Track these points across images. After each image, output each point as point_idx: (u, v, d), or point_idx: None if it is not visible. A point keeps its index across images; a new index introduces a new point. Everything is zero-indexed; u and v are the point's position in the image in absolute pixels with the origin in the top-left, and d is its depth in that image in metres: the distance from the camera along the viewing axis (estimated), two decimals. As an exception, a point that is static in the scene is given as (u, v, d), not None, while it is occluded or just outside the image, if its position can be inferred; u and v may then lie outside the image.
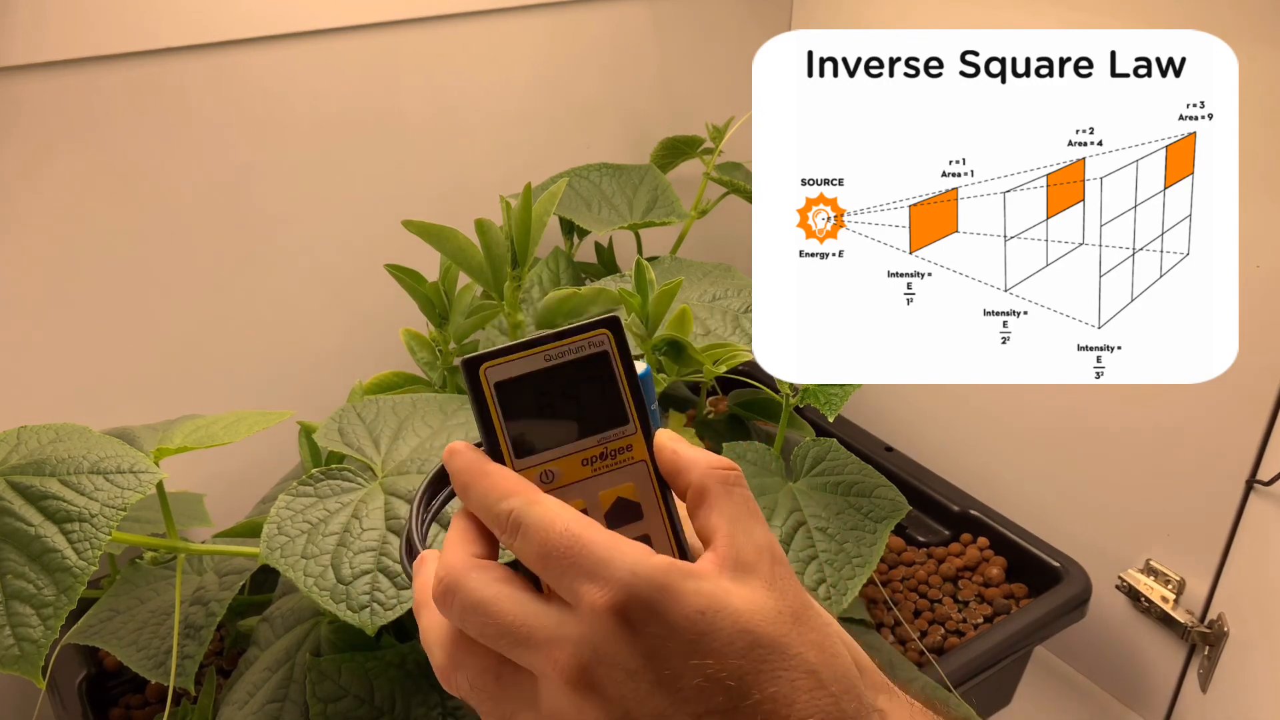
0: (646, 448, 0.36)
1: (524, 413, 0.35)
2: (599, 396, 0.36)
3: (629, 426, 0.36)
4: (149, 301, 0.88)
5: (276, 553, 0.58)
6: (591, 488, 0.35)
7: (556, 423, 0.35)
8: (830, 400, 0.70)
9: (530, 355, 0.35)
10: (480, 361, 0.34)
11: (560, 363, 0.35)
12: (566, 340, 0.35)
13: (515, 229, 0.75)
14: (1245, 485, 0.81)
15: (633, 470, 0.36)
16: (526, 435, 0.35)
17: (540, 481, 0.35)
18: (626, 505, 0.35)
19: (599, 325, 0.36)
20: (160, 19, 0.79)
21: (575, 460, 0.35)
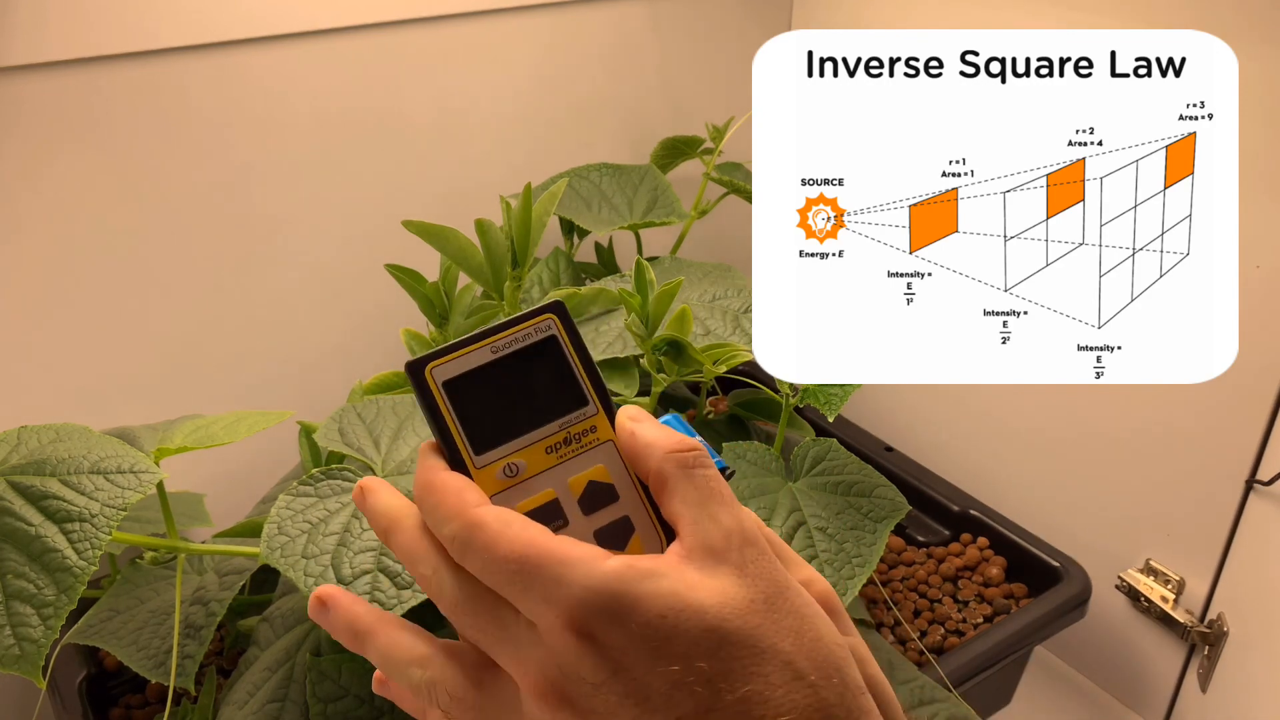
0: (611, 426, 0.35)
1: (477, 408, 0.34)
2: (554, 381, 0.35)
3: (589, 407, 0.35)
4: (149, 301, 0.88)
5: (277, 552, 0.58)
6: (560, 475, 0.34)
7: (512, 414, 0.34)
8: (830, 400, 0.70)
9: (476, 349, 0.34)
10: (425, 362, 0.33)
11: (508, 353, 0.34)
12: (512, 330, 0.34)
13: (515, 229, 0.75)
14: (1245, 485, 0.81)
15: (601, 450, 0.34)
16: (483, 431, 0.34)
17: (504, 475, 0.33)
18: (599, 488, 0.34)
19: (544, 310, 0.35)
20: (160, 19, 0.79)
21: (539, 449, 0.34)
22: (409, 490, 0.60)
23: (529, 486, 0.33)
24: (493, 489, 0.33)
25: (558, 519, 0.33)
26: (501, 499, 0.33)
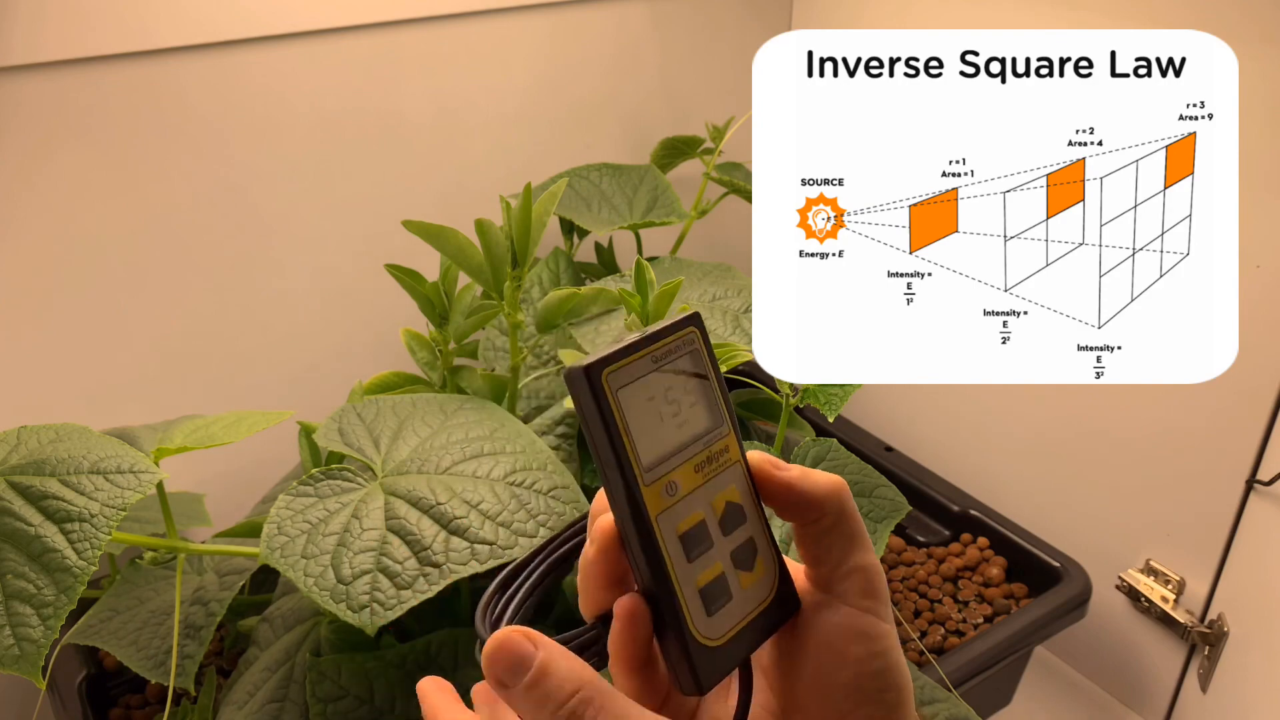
0: (739, 447, 0.34)
1: (643, 423, 0.32)
2: (700, 398, 0.34)
3: (724, 427, 0.34)
4: (149, 301, 0.88)
5: (276, 553, 0.58)
6: (705, 495, 0.33)
7: (670, 431, 0.33)
8: (830, 400, 0.70)
9: (640, 358, 0.32)
10: (600, 367, 0.31)
11: (668, 366, 0.33)
12: (666, 340, 0.33)
13: (515, 229, 0.75)
14: (1245, 485, 0.81)
15: (732, 472, 0.34)
16: (649, 447, 0.32)
17: (666, 494, 0.32)
18: (734, 509, 0.34)
19: (688, 323, 0.34)
20: (160, 19, 0.79)
21: (689, 468, 0.33)
22: (409, 490, 0.60)
23: (683, 508, 0.32)
24: (658, 508, 0.32)
25: (705, 541, 0.33)
26: (665, 517, 0.32)
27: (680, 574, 0.32)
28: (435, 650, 0.63)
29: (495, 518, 0.60)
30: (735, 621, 0.33)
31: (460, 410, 0.69)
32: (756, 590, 0.34)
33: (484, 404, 0.72)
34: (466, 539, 0.59)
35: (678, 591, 0.32)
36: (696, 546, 0.32)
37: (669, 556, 0.31)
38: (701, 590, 0.32)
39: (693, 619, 0.32)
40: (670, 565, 0.31)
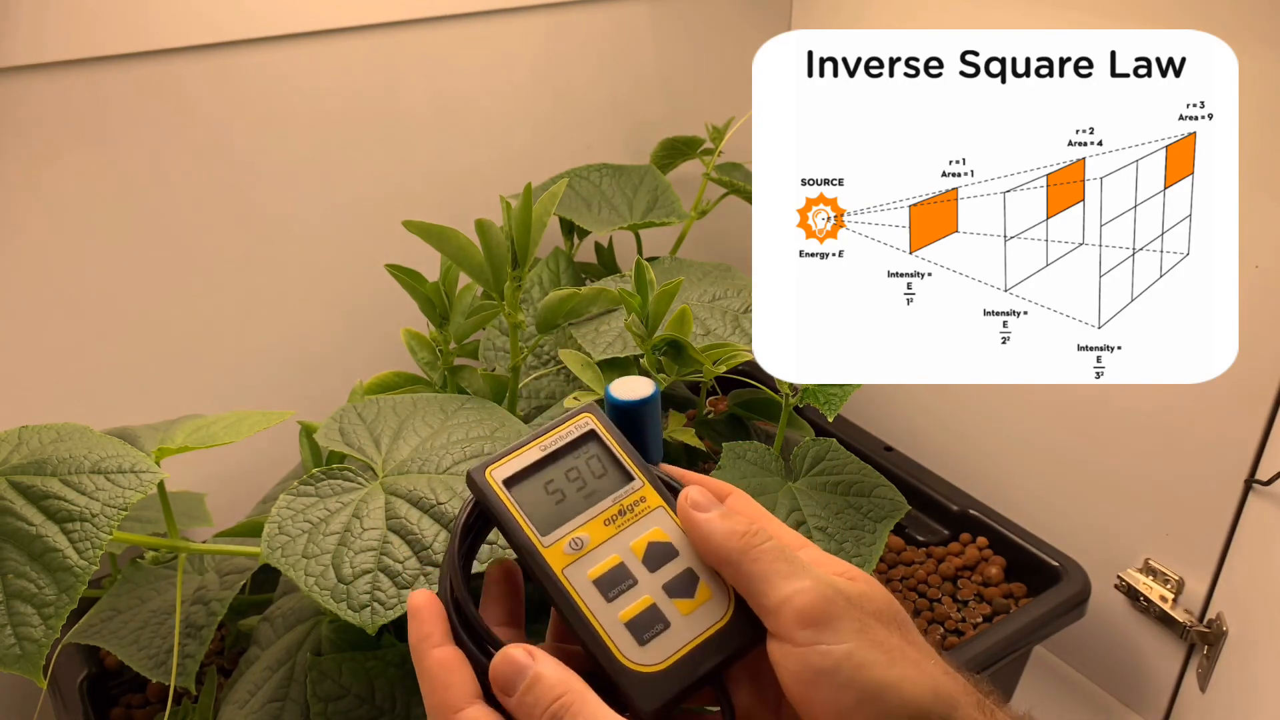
0: (659, 494, 0.39)
1: (536, 497, 0.38)
2: (600, 466, 0.40)
3: (636, 482, 0.39)
4: (149, 301, 0.88)
5: (277, 552, 0.58)
6: (621, 541, 0.38)
7: (569, 498, 0.39)
8: (830, 400, 0.70)
9: (527, 450, 0.39)
10: (483, 468, 0.38)
11: (555, 449, 0.39)
12: (556, 431, 0.40)
13: (515, 229, 0.75)
14: (1244, 485, 0.81)
15: (653, 516, 0.39)
16: (545, 515, 0.38)
17: (570, 549, 0.37)
18: (659, 547, 0.38)
19: (581, 411, 0.41)
20: (161, 19, 0.79)
21: (598, 524, 0.38)
22: (410, 490, 0.61)
23: (595, 556, 0.37)
24: (562, 563, 0.37)
25: (627, 579, 0.37)
26: (572, 570, 0.37)
27: (598, 613, 0.36)
28: (436, 650, 0.63)
29: (496, 517, 0.60)
30: (677, 647, 0.36)
31: (461, 410, 0.69)
32: (703, 615, 0.37)
33: (484, 404, 0.72)
34: (467, 538, 0.59)
35: (597, 628, 0.36)
36: (614, 587, 0.37)
37: (582, 601, 0.36)
38: (627, 623, 0.36)
39: (620, 650, 0.36)
40: (585, 608, 0.36)
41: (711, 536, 0.36)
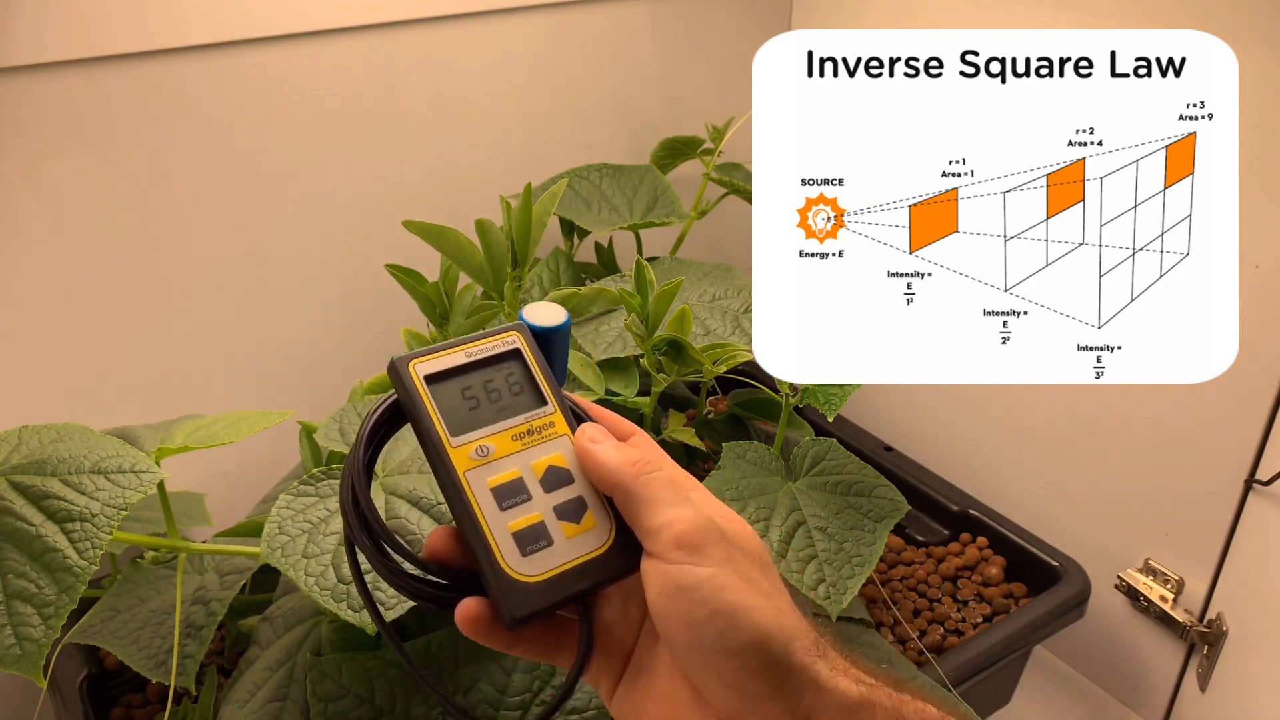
0: (567, 423, 0.41)
1: (453, 400, 0.40)
2: (518, 384, 0.41)
3: (549, 407, 0.41)
4: (149, 301, 0.88)
5: (277, 552, 0.58)
6: (524, 459, 0.40)
7: (483, 407, 0.40)
8: (830, 400, 0.70)
9: (453, 353, 0.41)
10: (408, 360, 0.40)
11: (480, 358, 0.41)
12: (483, 340, 0.41)
13: (515, 229, 0.75)
14: (1244, 485, 0.81)
15: (559, 443, 0.41)
16: (458, 418, 0.40)
17: (476, 455, 0.39)
18: (558, 472, 0.40)
19: (510, 329, 0.42)
20: (161, 19, 0.79)
21: (506, 437, 0.40)
22: (410, 490, 0.61)
23: (498, 466, 0.39)
24: (466, 465, 0.39)
25: (522, 494, 0.39)
26: (474, 474, 0.39)
27: (490, 519, 0.38)
28: (435, 650, 0.63)
29: (496, 517, 0.60)
30: (557, 564, 0.38)
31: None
32: (585, 541, 0.39)
33: (484, 404, 0.72)
34: (467, 538, 0.59)
35: (487, 533, 0.38)
36: (509, 499, 0.39)
37: (477, 504, 0.38)
38: (515, 534, 0.38)
39: (504, 556, 0.38)
40: (479, 511, 0.38)
41: (607, 464, 0.39)
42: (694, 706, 0.37)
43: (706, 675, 0.36)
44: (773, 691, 0.35)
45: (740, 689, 0.35)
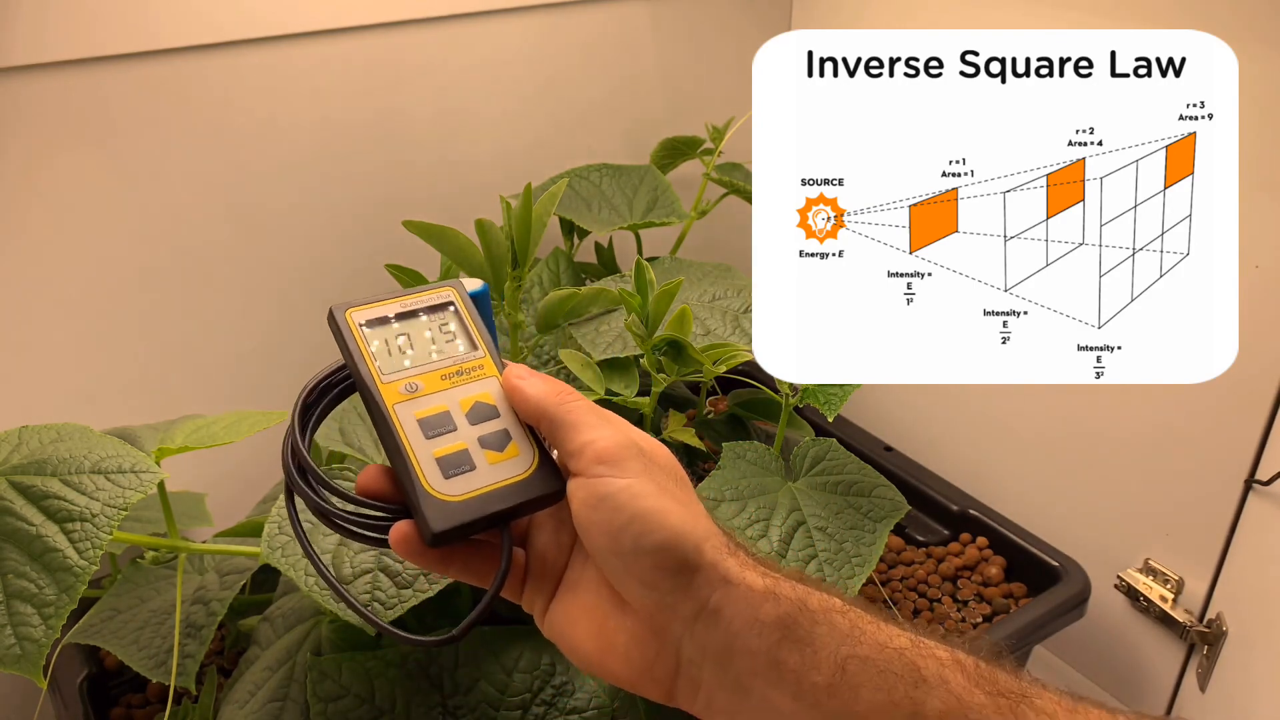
0: (496, 368, 0.45)
1: (387, 343, 0.44)
2: (451, 334, 0.45)
3: (479, 352, 0.45)
4: (150, 301, 0.88)
5: (278, 552, 0.58)
6: (452, 395, 0.43)
7: (416, 350, 0.44)
8: (830, 400, 0.70)
9: (389, 303, 0.45)
10: (345, 307, 0.44)
11: (413, 308, 0.45)
12: (418, 293, 0.45)
13: (515, 229, 0.75)
14: (1244, 485, 0.81)
15: (487, 383, 0.44)
16: (389, 359, 0.43)
17: (405, 390, 0.43)
18: (484, 407, 0.43)
19: (445, 284, 0.46)
20: (162, 19, 0.79)
21: (435, 376, 0.44)
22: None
23: (425, 401, 0.43)
24: (394, 399, 0.43)
25: (448, 425, 0.42)
26: (403, 407, 0.42)
27: (415, 446, 0.41)
28: (435, 650, 0.63)
29: (496, 517, 0.60)
30: (477, 486, 0.41)
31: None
32: (507, 468, 0.42)
33: (484, 404, 0.72)
34: (467, 538, 0.59)
35: (411, 458, 0.41)
36: (435, 429, 0.42)
37: (404, 434, 0.42)
38: (439, 459, 0.41)
39: (426, 477, 0.41)
40: (405, 440, 0.42)
41: (533, 394, 0.42)
42: (617, 613, 0.40)
43: (626, 577, 0.39)
44: (685, 586, 0.38)
45: (656, 586, 0.38)
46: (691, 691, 0.39)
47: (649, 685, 0.40)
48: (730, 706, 0.38)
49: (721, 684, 0.38)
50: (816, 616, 0.37)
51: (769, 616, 0.37)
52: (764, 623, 0.37)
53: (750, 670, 0.37)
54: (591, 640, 0.41)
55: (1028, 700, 0.36)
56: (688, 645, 0.38)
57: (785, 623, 0.37)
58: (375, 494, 0.43)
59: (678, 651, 0.39)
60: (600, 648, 0.40)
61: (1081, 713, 0.36)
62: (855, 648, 0.36)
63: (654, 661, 0.39)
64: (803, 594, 0.38)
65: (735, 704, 0.38)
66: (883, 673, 0.36)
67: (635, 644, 0.39)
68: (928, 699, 0.35)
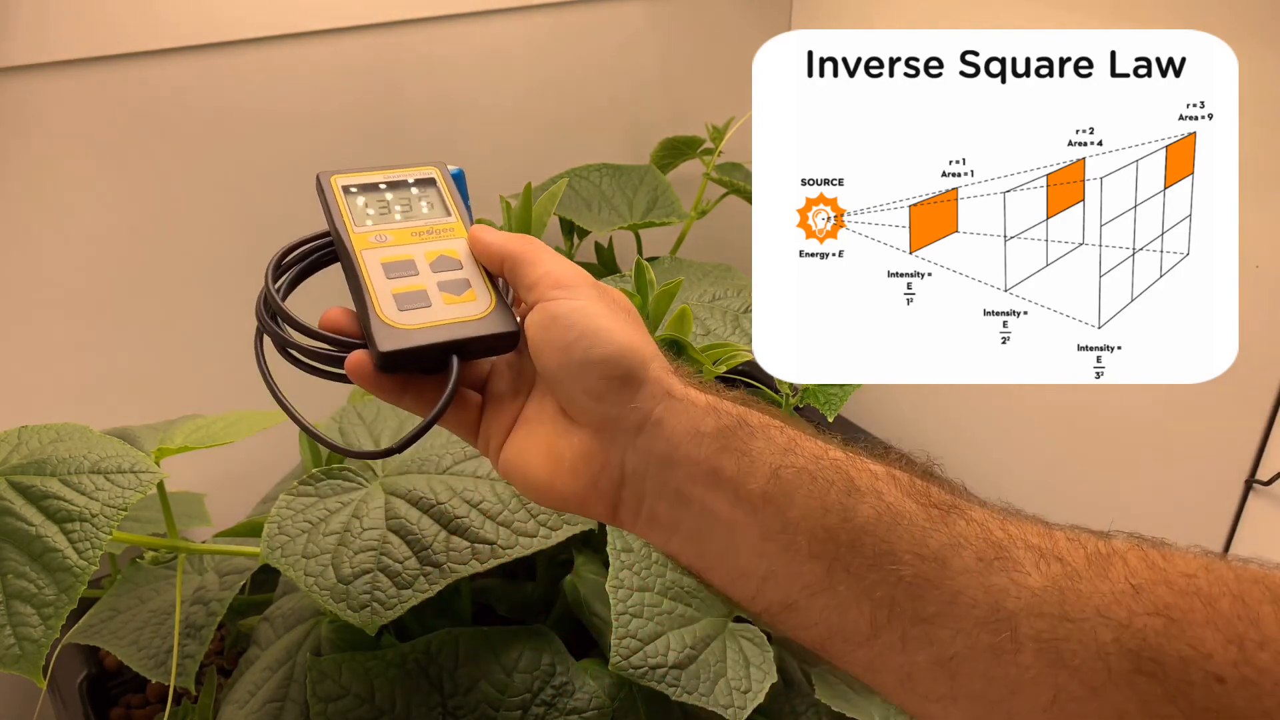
0: (464, 232, 0.47)
1: (365, 204, 0.47)
2: (428, 204, 0.48)
3: (452, 219, 0.48)
4: (149, 301, 0.88)
5: (277, 552, 0.58)
6: (418, 249, 0.46)
7: (391, 213, 0.47)
8: (830, 400, 0.70)
9: (373, 174, 0.48)
10: (332, 174, 0.48)
11: (396, 180, 0.48)
12: (403, 169, 0.49)
13: (515, 229, 0.75)
14: (1245, 485, 0.81)
15: (455, 241, 0.47)
16: (364, 215, 0.47)
17: (374, 240, 0.46)
18: (447, 260, 0.46)
19: (431, 164, 0.50)
20: (162, 19, 0.79)
21: (406, 232, 0.47)
22: (410, 490, 0.61)
23: (393, 250, 0.46)
24: (363, 245, 0.46)
25: (410, 270, 0.45)
26: (370, 253, 0.46)
27: (376, 283, 0.45)
28: (436, 649, 0.63)
29: (495, 517, 0.60)
30: (430, 320, 0.44)
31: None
32: (462, 309, 0.44)
33: (484, 404, 0.72)
34: (467, 538, 0.59)
35: (370, 292, 0.44)
36: (397, 272, 0.45)
37: (367, 272, 0.45)
38: (396, 295, 0.44)
39: (381, 307, 0.44)
40: (367, 277, 0.45)
41: (495, 241, 0.45)
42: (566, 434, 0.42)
43: (575, 390, 0.41)
44: (631, 397, 0.40)
45: (602, 398, 0.40)
46: (635, 504, 0.41)
47: (594, 500, 0.41)
48: (671, 516, 0.40)
49: (662, 494, 0.40)
50: (755, 430, 0.39)
51: (709, 428, 0.39)
52: (704, 433, 0.39)
53: (690, 477, 0.39)
54: (541, 462, 0.42)
55: (959, 510, 0.37)
56: (631, 456, 0.40)
57: (724, 434, 0.39)
58: (338, 331, 0.46)
59: (622, 463, 0.40)
60: (549, 469, 0.42)
61: (1015, 523, 0.37)
62: (791, 458, 0.38)
63: (599, 474, 0.41)
64: (743, 411, 0.40)
65: (676, 513, 0.40)
66: (816, 480, 0.37)
67: (582, 459, 0.41)
68: (859, 506, 0.36)
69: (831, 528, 0.36)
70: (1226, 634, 0.30)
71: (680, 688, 0.58)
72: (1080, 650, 0.32)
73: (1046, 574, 0.34)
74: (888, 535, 0.36)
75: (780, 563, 0.37)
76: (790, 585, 0.37)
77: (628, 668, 0.58)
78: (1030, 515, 0.38)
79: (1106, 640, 0.31)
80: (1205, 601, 0.31)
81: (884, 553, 0.35)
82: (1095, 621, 0.32)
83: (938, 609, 0.34)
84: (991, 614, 0.33)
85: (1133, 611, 0.32)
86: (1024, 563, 0.34)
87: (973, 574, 0.34)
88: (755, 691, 0.59)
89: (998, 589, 0.34)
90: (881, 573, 0.35)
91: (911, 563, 0.35)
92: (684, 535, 0.40)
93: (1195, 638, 0.30)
